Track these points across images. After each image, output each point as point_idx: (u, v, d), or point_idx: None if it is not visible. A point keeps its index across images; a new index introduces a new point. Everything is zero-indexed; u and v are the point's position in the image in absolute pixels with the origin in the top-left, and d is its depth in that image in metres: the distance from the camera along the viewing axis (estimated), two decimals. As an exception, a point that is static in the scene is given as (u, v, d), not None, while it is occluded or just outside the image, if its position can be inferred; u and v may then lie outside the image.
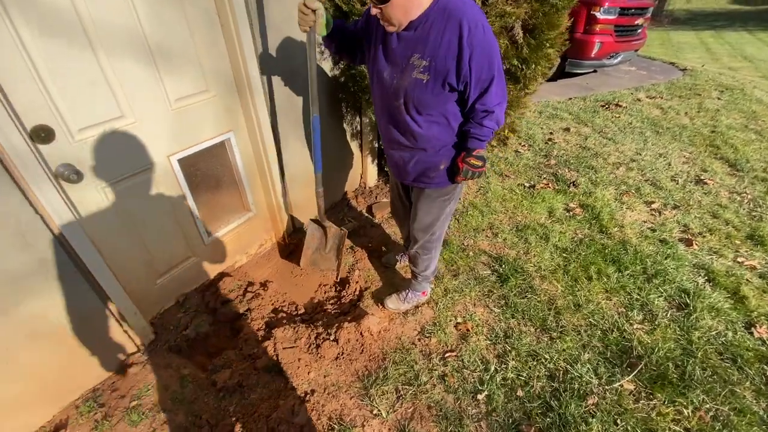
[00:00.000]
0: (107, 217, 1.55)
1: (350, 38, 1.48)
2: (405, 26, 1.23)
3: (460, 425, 1.53)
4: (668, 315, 2.01)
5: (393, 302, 1.99)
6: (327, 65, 2.16)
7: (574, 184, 3.14)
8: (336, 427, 1.49)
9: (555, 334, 1.91)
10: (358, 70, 2.12)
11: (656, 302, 2.08)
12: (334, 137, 2.46)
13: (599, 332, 1.93)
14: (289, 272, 2.27)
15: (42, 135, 1.25)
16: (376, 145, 2.66)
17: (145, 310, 1.81)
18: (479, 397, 1.64)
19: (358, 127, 2.57)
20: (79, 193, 1.43)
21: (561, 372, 1.74)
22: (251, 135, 2.00)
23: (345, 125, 2.50)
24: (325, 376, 1.67)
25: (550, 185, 3.12)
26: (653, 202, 2.92)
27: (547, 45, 2.10)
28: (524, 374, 1.73)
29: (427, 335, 1.88)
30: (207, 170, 1.94)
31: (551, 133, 4.07)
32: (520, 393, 1.66)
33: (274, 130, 2.01)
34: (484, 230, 2.59)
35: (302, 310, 2.03)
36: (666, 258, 2.37)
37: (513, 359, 1.79)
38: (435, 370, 1.73)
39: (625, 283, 2.20)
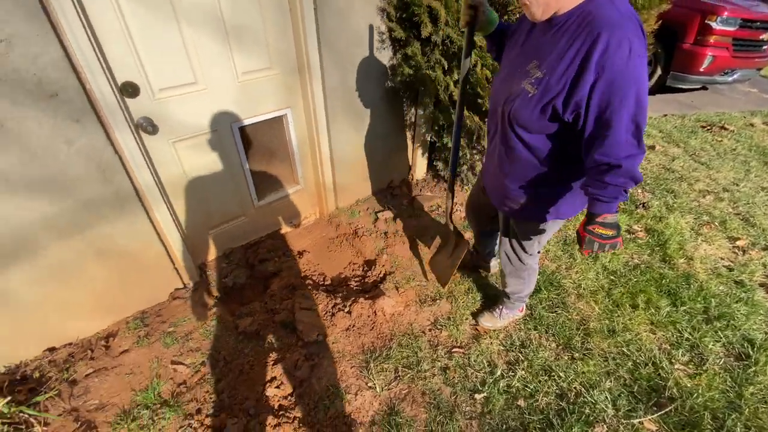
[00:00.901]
0: (173, 168, 1.81)
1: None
2: (547, 20, 1.04)
3: (451, 418, 1.52)
4: (721, 362, 1.77)
5: (487, 320, 1.88)
6: (386, 54, 2.23)
7: (644, 206, 2.85)
8: (331, 389, 1.58)
9: (578, 354, 1.79)
10: (416, 60, 2.16)
11: (710, 346, 1.84)
12: (386, 126, 2.54)
13: (630, 363, 1.76)
14: (326, 247, 2.41)
15: (129, 90, 1.52)
16: (428, 139, 2.68)
17: (195, 255, 2.07)
18: (477, 397, 1.61)
19: (412, 119, 2.61)
20: (153, 144, 1.69)
21: (573, 393, 1.64)
22: (306, 114, 2.16)
23: (399, 115, 2.56)
24: (333, 343, 1.77)
25: (614, 203, 2.87)
26: (739, 239, 2.54)
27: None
28: (531, 386, 1.65)
29: (439, 327, 1.88)
30: (263, 141, 2.14)
31: (631, 149, 3.70)
32: (521, 403, 1.59)
33: (326, 112, 2.15)
34: (526, 238, 2.48)
35: (328, 282, 2.16)
36: (737, 301, 2.07)
37: (523, 369, 1.72)
38: (438, 361, 1.73)
39: (677, 319, 1.97)
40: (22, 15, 1.18)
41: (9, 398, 1.42)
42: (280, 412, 1.48)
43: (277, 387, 1.56)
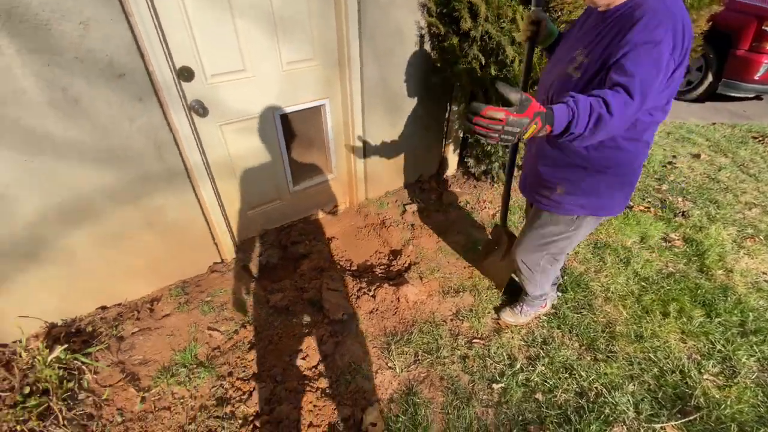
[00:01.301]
0: (219, 150, 1.94)
1: None
2: (601, 12, 1.10)
3: (467, 404, 1.56)
4: (754, 377, 1.70)
5: (509, 315, 1.90)
6: (425, 49, 2.28)
7: (683, 215, 2.75)
8: (353, 365, 1.66)
9: (601, 356, 1.78)
10: (453, 55, 2.20)
11: (744, 360, 1.77)
12: (420, 120, 2.58)
13: (656, 369, 1.73)
14: (354, 235, 2.49)
15: (185, 74, 1.65)
16: (461, 135, 2.71)
17: (233, 233, 2.21)
18: (495, 386, 1.63)
19: (446, 114, 2.65)
20: (203, 126, 1.82)
21: (593, 393, 1.63)
22: (343, 105, 2.25)
23: (433, 111, 2.60)
24: (357, 323, 1.84)
25: (651, 210, 2.79)
26: (786, 255, 2.41)
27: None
28: (551, 382, 1.66)
29: (461, 318, 1.91)
30: (302, 130, 2.25)
31: (674, 156, 3.57)
32: (539, 397, 1.61)
33: (362, 104, 2.22)
34: (554, 239, 2.46)
35: (354, 267, 2.23)
36: (777, 317, 1.98)
37: (544, 365, 1.72)
38: (458, 349, 1.77)
39: (710, 330, 1.90)
40: (99, 0, 1.32)
41: (66, 346, 1.58)
42: (305, 382, 1.57)
43: (303, 359, 1.65)
